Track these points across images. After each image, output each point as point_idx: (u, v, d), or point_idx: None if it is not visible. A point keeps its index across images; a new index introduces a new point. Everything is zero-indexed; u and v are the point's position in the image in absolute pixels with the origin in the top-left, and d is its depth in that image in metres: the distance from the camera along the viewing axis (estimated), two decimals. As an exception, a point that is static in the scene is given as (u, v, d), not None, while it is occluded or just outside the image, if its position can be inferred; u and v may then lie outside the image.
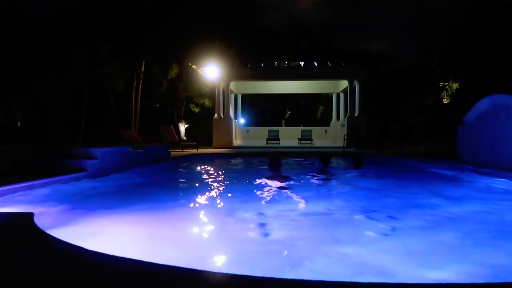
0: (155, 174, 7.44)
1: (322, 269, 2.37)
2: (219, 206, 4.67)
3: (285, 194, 5.00)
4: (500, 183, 5.56)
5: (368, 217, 3.72)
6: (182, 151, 13.68)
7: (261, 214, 3.85)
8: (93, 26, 18.25)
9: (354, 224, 3.57)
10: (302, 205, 4.38)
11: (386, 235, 3.12)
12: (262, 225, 3.44)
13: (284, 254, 2.69)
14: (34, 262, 2.08)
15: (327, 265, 2.44)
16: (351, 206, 4.36)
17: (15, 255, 2.20)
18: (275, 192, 5.13)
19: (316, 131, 20.60)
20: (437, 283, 1.72)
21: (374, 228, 3.35)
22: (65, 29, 17.88)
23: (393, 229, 3.29)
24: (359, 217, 3.80)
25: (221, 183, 6.60)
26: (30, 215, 3.05)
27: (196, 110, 23.81)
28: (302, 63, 18.04)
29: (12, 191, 4.36)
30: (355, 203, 4.56)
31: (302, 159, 10.65)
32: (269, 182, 5.54)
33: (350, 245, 2.83)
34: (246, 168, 9.31)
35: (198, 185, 6.44)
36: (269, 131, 19.33)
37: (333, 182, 6.18)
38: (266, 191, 5.23)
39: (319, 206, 4.27)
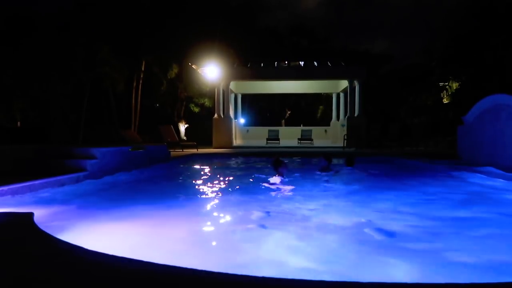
0: (155, 174, 7.44)
1: (329, 266, 2.37)
2: (219, 205, 4.68)
3: (286, 193, 5.04)
4: (495, 182, 5.61)
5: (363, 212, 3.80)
6: (182, 151, 13.68)
7: (261, 212, 3.85)
8: (93, 26, 18.26)
9: (349, 219, 3.62)
10: (302, 203, 4.42)
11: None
12: (263, 224, 3.45)
13: (284, 251, 2.69)
14: (34, 262, 2.08)
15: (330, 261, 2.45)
16: (346, 201, 4.65)
17: (15, 255, 2.20)
18: (276, 192, 5.16)
19: (316, 131, 20.59)
20: (437, 283, 1.72)
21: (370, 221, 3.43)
22: (65, 29, 17.89)
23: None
24: (353, 212, 3.95)
25: (221, 183, 6.60)
26: (30, 215, 3.05)
27: (196, 110, 23.82)
28: (302, 63, 18.05)
29: (12, 191, 4.35)
30: (349, 198, 4.83)
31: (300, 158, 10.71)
32: (271, 181, 5.64)
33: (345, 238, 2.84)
34: (246, 168, 9.30)
35: (198, 185, 6.44)
36: (269, 131, 19.32)
37: (336, 179, 6.48)
38: (268, 190, 5.26)
39: (317, 204, 4.38)
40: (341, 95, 19.82)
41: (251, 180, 6.39)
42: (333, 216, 3.79)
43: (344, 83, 17.90)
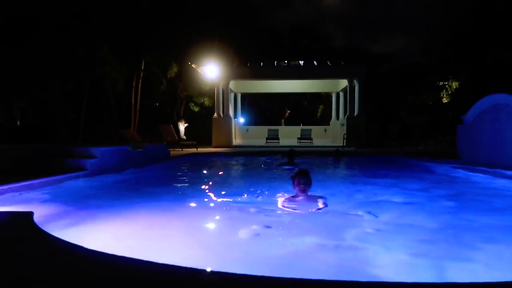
0: (155, 173, 7.44)
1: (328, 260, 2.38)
2: (217, 204, 4.68)
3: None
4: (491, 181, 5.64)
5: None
6: (182, 150, 13.68)
7: (260, 211, 3.85)
8: (93, 26, 18.24)
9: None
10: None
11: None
12: (264, 225, 3.45)
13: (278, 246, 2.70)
14: (34, 261, 2.08)
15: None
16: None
17: (15, 254, 2.20)
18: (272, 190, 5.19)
19: (316, 130, 20.60)
20: (437, 283, 1.72)
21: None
22: (65, 28, 17.86)
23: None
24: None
25: (219, 182, 6.61)
26: (30, 214, 3.05)
27: (196, 109, 23.80)
28: (301, 62, 18.04)
29: (12, 190, 4.36)
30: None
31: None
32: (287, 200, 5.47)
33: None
34: (245, 167, 9.31)
35: (197, 184, 6.44)
36: (269, 130, 19.32)
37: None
38: (263, 188, 5.28)
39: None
40: (341, 94, 19.82)
41: (247, 179, 6.40)
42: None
43: (344, 83, 17.90)
